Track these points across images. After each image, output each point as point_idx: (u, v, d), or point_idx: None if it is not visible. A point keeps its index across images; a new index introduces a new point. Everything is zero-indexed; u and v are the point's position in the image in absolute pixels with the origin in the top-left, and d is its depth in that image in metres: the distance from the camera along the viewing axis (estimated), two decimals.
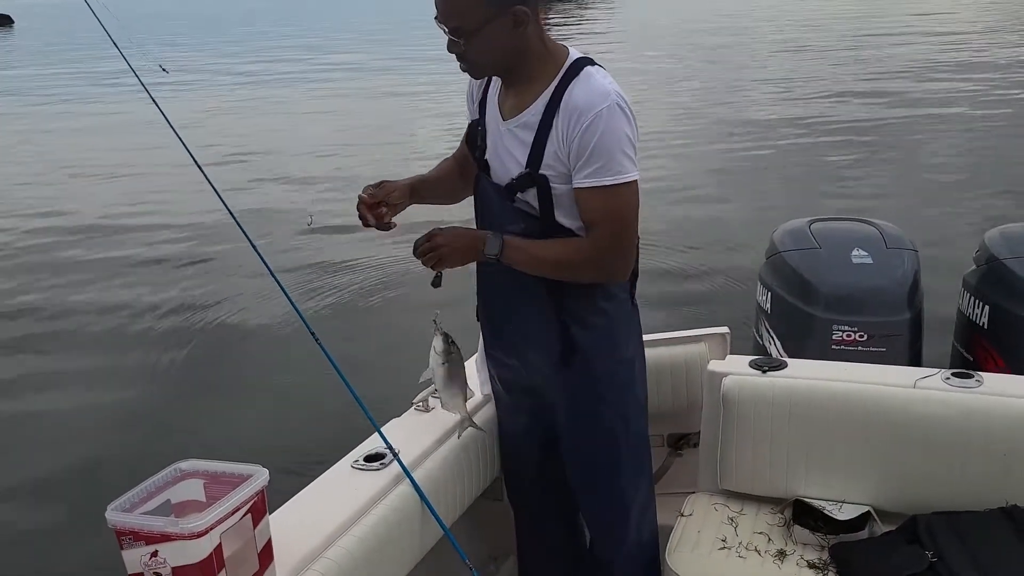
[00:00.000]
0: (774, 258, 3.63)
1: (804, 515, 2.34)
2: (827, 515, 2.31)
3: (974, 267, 3.58)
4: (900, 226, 3.72)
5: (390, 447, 2.07)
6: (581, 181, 1.95)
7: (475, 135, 2.15)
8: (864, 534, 2.29)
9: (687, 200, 8.64)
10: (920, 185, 9.29)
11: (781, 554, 2.27)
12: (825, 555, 2.24)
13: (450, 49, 1.97)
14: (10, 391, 5.56)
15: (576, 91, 1.94)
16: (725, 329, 2.80)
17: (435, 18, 1.93)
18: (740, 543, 2.32)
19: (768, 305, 3.61)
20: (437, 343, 2.09)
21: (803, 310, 3.35)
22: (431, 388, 2.45)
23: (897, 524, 2.28)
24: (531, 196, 2.02)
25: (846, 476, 2.37)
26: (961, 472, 2.26)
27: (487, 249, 2.00)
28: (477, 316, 2.31)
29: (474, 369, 2.43)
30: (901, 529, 2.25)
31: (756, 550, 2.29)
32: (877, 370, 2.52)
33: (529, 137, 1.99)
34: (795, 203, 8.41)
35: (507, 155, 2.05)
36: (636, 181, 1.96)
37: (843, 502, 2.35)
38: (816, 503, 2.35)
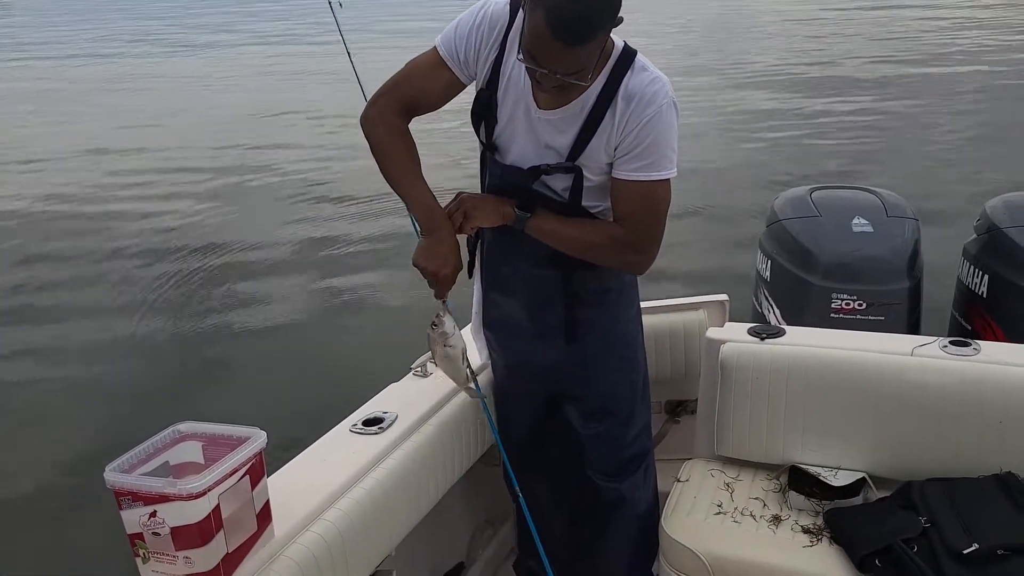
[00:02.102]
0: (774, 226, 3.62)
1: (799, 481, 2.36)
2: (822, 481, 2.32)
3: (975, 236, 3.57)
4: (901, 195, 3.70)
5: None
6: (628, 173, 1.92)
7: (486, 105, 2.01)
8: (859, 500, 2.31)
9: (687, 167, 8.58)
10: (922, 154, 9.24)
11: (776, 519, 2.29)
12: (820, 520, 2.26)
13: (554, 84, 1.80)
14: (9, 355, 5.58)
15: (636, 82, 1.88)
16: (724, 296, 2.80)
17: (546, 70, 1.75)
18: (736, 508, 2.34)
19: (768, 273, 3.60)
20: (447, 324, 2.05)
21: (802, 278, 3.35)
22: (429, 353, 2.45)
23: (892, 490, 2.30)
24: (556, 180, 1.99)
25: (842, 443, 2.38)
26: (956, 439, 2.27)
27: (518, 210, 1.99)
28: (469, 274, 2.27)
29: (470, 336, 2.43)
30: (896, 495, 2.27)
31: (751, 515, 2.31)
32: (875, 338, 2.52)
33: (572, 127, 1.93)
34: (796, 171, 8.39)
35: (537, 143, 1.98)
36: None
37: (838, 468, 2.37)
38: (812, 469, 2.36)
